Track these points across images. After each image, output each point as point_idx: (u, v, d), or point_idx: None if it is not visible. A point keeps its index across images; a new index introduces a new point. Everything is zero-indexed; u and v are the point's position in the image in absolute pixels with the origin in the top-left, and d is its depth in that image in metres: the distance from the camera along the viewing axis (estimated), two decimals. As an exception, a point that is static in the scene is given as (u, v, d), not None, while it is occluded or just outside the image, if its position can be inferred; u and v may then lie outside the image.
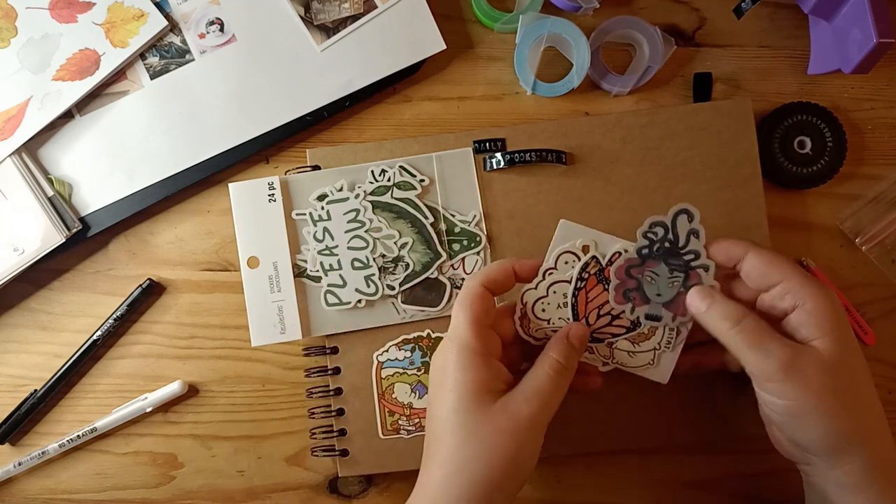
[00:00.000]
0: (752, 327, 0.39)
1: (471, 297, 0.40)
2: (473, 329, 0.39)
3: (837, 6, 0.49)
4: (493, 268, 0.41)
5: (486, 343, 0.39)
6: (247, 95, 0.53)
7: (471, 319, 0.39)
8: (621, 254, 0.41)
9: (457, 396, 0.38)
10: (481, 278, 0.40)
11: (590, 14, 0.53)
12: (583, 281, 0.42)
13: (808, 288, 0.38)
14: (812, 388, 0.37)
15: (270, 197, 0.51)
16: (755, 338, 0.38)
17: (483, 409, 0.38)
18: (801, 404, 0.38)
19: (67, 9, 0.53)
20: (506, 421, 0.37)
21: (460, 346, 0.39)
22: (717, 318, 0.40)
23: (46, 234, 0.51)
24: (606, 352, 0.43)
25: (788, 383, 0.37)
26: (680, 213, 0.43)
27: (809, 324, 0.38)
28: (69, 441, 0.52)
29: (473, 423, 0.37)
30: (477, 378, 0.38)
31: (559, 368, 0.39)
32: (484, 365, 0.39)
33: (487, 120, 0.54)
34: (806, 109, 0.52)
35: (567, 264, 0.41)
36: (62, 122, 0.53)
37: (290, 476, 0.53)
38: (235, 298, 0.53)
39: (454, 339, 0.40)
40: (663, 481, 0.52)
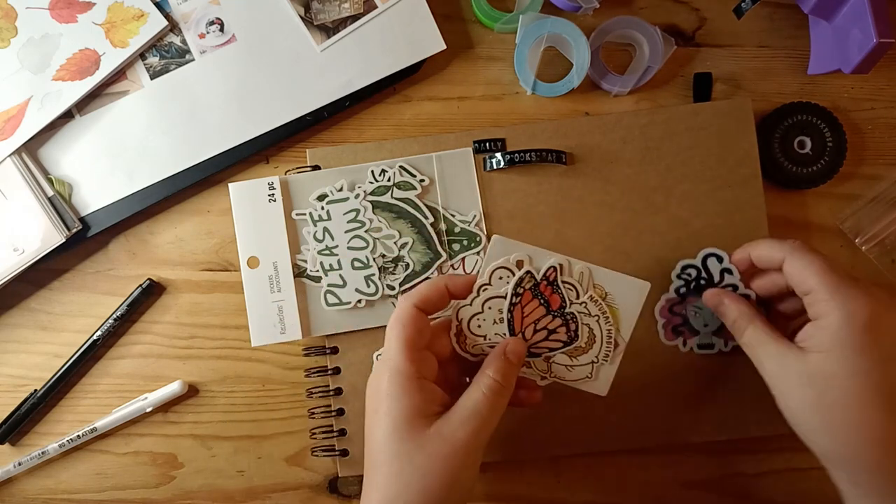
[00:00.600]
0: (749, 337, 0.42)
1: (403, 319, 0.39)
2: (406, 352, 0.38)
3: (837, 6, 0.49)
4: (426, 287, 0.40)
5: (420, 366, 0.39)
6: (247, 95, 0.53)
7: (403, 342, 0.38)
8: (556, 269, 0.41)
9: (391, 422, 0.37)
10: (414, 298, 0.40)
11: (590, 14, 0.53)
12: (518, 296, 0.41)
13: (830, 303, 0.38)
14: (794, 396, 0.39)
15: (270, 197, 0.51)
16: (752, 347, 0.42)
17: (417, 436, 0.37)
18: (787, 412, 0.40)
19: (67, 9, 0.53)
20: (441, 446, 0.36)
21: (393, 371, 0.38)
22: (728, 321, 0.44)
23: (46, 234, 0.51)
24: (544, 366, 0.42)
25: (778, 388, 0.40)
26: (708, 256, 0.48)
27: (816, 336, 0.38)
28: (69, 441, 0.52)
29: (408, 449, 0.37)
30: (410, 403, 0.37)
31: (496, 387, 0.38)
32: (417, 389, 0.38)
33: (487, 120, 0.54)
34: (806, 109, 0.52)
35: (501, 279, 0.41)
36: (62, 122, 0.53)
37: (290, 476, 0.53)
38: (235, 298, 0.53)
39: (387, 363, 0.39)
40: (663, 481, 0.52)
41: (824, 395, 0.37)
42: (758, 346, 0.41)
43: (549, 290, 0.41)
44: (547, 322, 0.42)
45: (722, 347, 0.50)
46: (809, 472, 0.52)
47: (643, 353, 0.50)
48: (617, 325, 0.42)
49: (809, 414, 0.38)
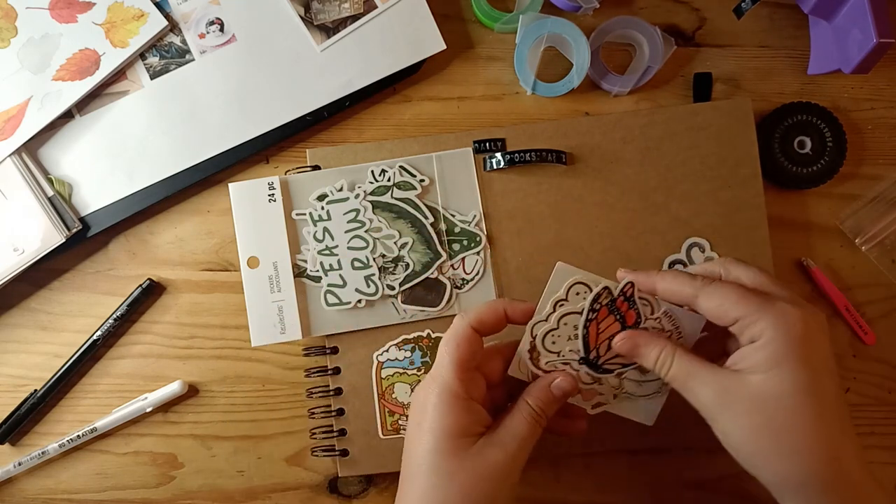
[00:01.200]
0: (676, 370, 0.38)
1: (458, 338, 0.39)
2: (457, 372, 0.38)
3: (837, 6, 0.49)
4: (484, 309, 0.40)
5: (469, 386, 0.39)
6: (247, 95, 0.53)
7: (455, 361, 0.39)
8: (632, 284, 0.40)
9: (434, 438, 0.38)
10: (471, 319, 0.40)
11: (590, 14, 0.53)
12: (594, 312, 0.40)
13: (763, 322, 0.35)
14: (742, 424, 0.35)
15: (270, 197, 0.51)
16: (682, 382, 0.38)
17: (459, 454, 0.37)
18: (733, 440, 0.36)
19: (67, 9, 0.53)
20: (482, 467, 0.37)
21: (442, 388, 0.38)
22: (649, 367, 0.40)
23: (46, 234, 0.51)
24: (615, 382, 0.42)
25: (717, 421, 0.36)
26: (692, 246, 0.48)
27: (753, 357, 0.36)
28: (69, 441, 0.52)
29: (449, 467, 0.37)
30: (456, 422, 0.38)
31: (535, 416, 0.39)
32: (464, 409, 0.38)
33: (487, 120, 0.54)
34: (806, 109, 0.52)
35: (578, 295, 0.40)
36: (62, 122, 0.53)
37: (290, 476, 0.53)
38: (235, 298, 0.53)
39: (436, 379, 0.39)
40: (663, 481, 0.52)
41: (773, 417, 0.34)
42: (689, 378, 0.37)
43: (626, 305, 0.40)
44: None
45: None
46: (809, 472, 0.52)
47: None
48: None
49: (758, 440, 0.35)
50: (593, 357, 0.41)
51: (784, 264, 0.53)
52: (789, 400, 0.34)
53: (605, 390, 0.42)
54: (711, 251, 0.51)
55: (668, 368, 0.38)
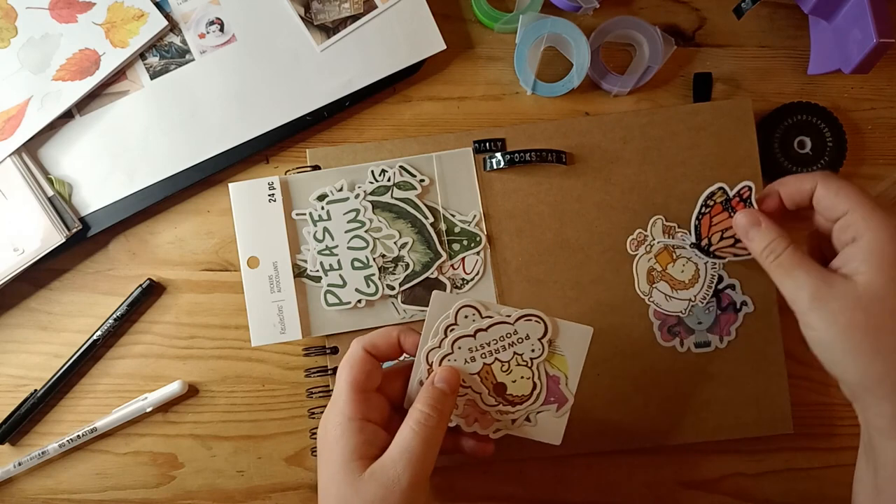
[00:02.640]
0: (787, 258, 0.39)
1: (351, 361, 0.39)
2: (350, 394, 0.38)
3: (837, 6, 0.49)
4: (378, 334, 0.41)
5: (364, 407, 0.39)
6: (247, 95, 0.53)
7: (349, 384, 0.39)
8: (750, 187, 0.44)
9: (333, 466, 0.37)
10: (364, 342, 0.40)
11: (590, 14, 0.53)
12: (707, 208, 0.46)
13: (870, 221, 0.37)
14: (839, 321, 0.36)
15: (270, 197, 0.51)
16: (788, 269, 0.39)
17: (355, 479, 0.37)
18: (827, 336, 0.37)
19: (67, 9, 0.53)
20: (377, 489, 0.36)
21: (336, 413, 0.38)
22: (758, 247, 0.41)
23: (46, 234, 0.51)
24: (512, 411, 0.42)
25: (815, 314, 0.37)
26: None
27: (858, 258, 0.37)
28: (69, 441, 0.52)
29: (347, 494, 0.36)
30: (349, 445, 0.37)
31: (426, 419, 0.38)
32: (357, 430, 0.38)
33: (487, 120, 0.54)
34: (806, 109, 0.52)
35: (467, 318, 0.41)
36: (62, 122, 0.53)
37: (290, 476, 0.53)
38: (235, 298, 0.53)
39: (333, 404, 0.39)
40: (663, 481, 0.52)
41: (874, 316, 0.35)
42: (794, 268, 0.39)
43: (742, 206, 0.45)
44: (733, 231, 0.45)
45: (718, 344, 0.50)
46: (809, 472, 0.52)
47: (641, 354, 0.50)
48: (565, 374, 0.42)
49: (853, 337, 0.36)
50: (704, 244, 0.48)
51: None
52: (889, 302, 0.35)
53: (503, 417, 0.42)
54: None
55: (777, 255, 0.40)
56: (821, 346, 0.38)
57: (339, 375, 0.40)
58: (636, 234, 0.51)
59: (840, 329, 0.36)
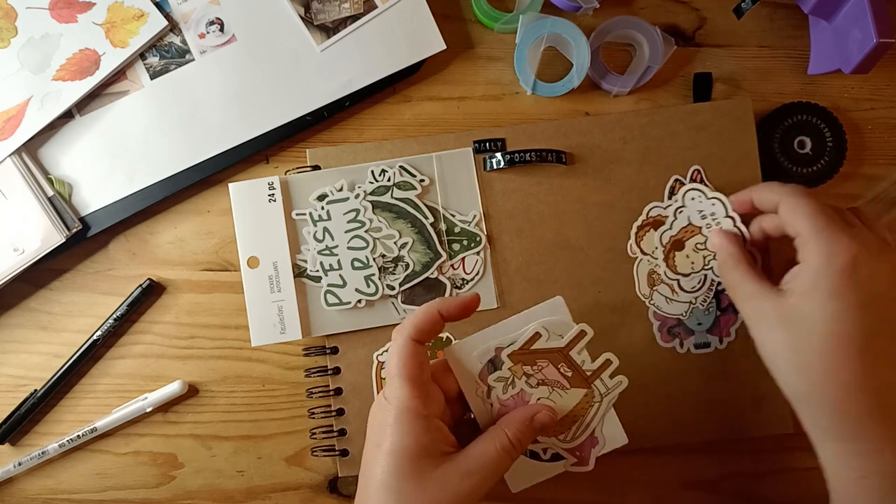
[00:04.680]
0: (733, 276, 0.43)
1: (402, 357, 0.37)
2: (411, 389, 0.37)
3: (837, 6, 0.49)
4: (419, 317, 0.38)
5: (427, 402, 0.37)
6: (247, 95, 0.53)
7: (407, 379, 0.37)
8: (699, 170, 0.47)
9: (395, 461, 0.36)
10: (409, 332, 0.38)
11: (590, 14, 0.53)
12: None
13: (817, 246, 0.38)
14: (772, 338, 0.39)
15: (270, 197, 0.51)
16: (733, 286, 0.43)
17: (420, 477, 0.35)
18: (764, 351, 0.40)
19: (67, 9, 0.53)
20: (443, 493, 0.35)
21: (399, 407, 0.37)
22: (718, 261, 0.45)
23: (46, 234, 0.51)
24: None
25: (753, 330, 0.41)
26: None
27: (798, 278, 0.39)
28: (69, 441, 0.52)
29: (409, 490, 0.35)
30: (416, 442, 0.36)
31: (510, 449, 0.37)
32: (424, 428, 0.36)
33: (487, 120, 0.54)
34: (806, 109, 0.52)
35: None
36: (62, 122, 0.53)
37: (290, 476, 0.53)
38: (235, 298, 0.53)
39: (392, 399, 0.37)
40: (663, 481, 0.52)
41: (798, 337, 0.38)
42: (738, 287, 0.42)
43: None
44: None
45: (717, 345, 0.50)
46: (809, 472, 0.52)
47: (641, 355, 0.50)
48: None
49: (783, 354, 0.39)
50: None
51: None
52: (815, 324, 0.37)
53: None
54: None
55: (726, 271, 0.44)
56: (763, 358, 0.40)
57: (393, 374, 0.37)
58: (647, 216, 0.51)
59: (772, 346, 0.39)
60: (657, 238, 0.51)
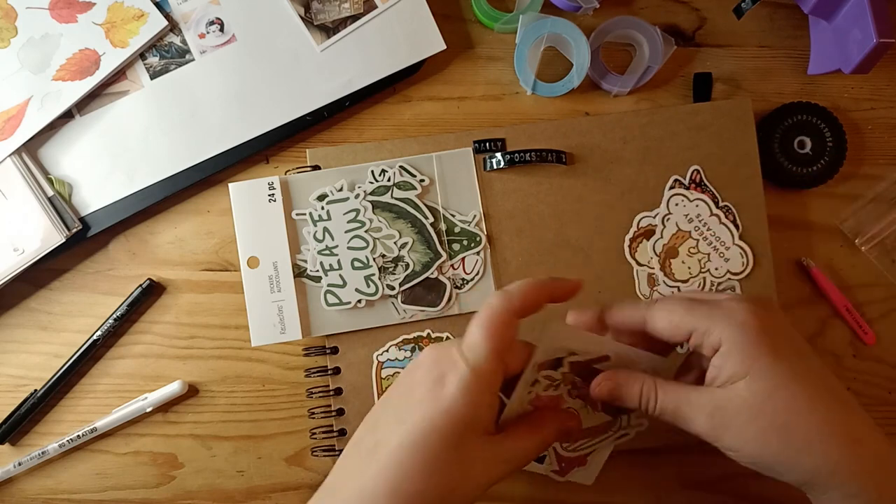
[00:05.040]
0: (665, 400, 0.36)
1: (497, 323, 0.34)
2: (494, 361, 0.34)
3: (837, 6, 0.49)
4: (528, 288, 0.35)
5: (498, 379, 0.35)
6: (247, 95, 0.53)
7: (494, 349, 0.34)
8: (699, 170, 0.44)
9: (443, 422, 0.33)
10: (515, 301, 0.34)
11: (590, 14, 0.53)
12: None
13: (717, 326, 0.34)
14: (749, 436, 0.34)
15: (270, 197, 0.51)
16: (673, 411, 0.36)
17: (463, 449, 0.33)
18: (749, 452, 0.34)
19: (67, 9, 0.53)
20: (480, 475, 0.34)
21: (475, 369, 0.33)
22: (633, 405, 0.38)
23: (46, 234, 0.51)
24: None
25: (724, 440, 0.35)
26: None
27: (726, 365, 0.34)
28: (69, 441, 0.52)
29: (448, 459, 0.33)
30: (475, 412, 0.33)
31: (542, 448, 0.37)
32: (489, 405, 0.34)
33: (487, 120, 0.54)
34: (806, 109, 0.52)
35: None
36: (62, 122, 0.53)
37: (290, 476, 0.53)
38: (235, 298, 0.53)
39: (468, 358, 0.34)
40: (663, 481, 0.52)
41: (774, 417, 0.33)
42: (679, 407, 0.36)
43: (698, 190, 0.46)
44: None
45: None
46: (809, 472, 0.52)
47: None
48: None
49: (769, 445, 0.34)
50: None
51: (784, 264, 0.53)
52: (781, 393, 0.33)
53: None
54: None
55: (654, 402, 0.37)
56: (749, 461, 0.35)
57: (479, 334, 0.34)
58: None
59: (756, 442, 0.34)
60: (650, 248, 0.51)
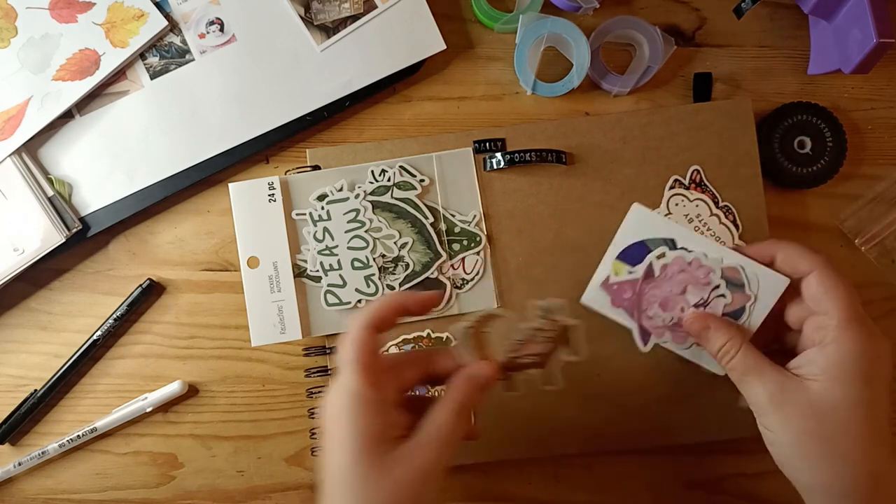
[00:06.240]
0: (740, 362, 0.40)
1: (356, 344, 0.37)
2: (364, 376, 0.37)
3: (837, 6, 0.49)
4: (378, 305, 0.39)
5: (381, 389, 0.37)
6: (247, 95, 0.53)
7: (358, 364, 0.37)
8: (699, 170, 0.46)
9: (353, 448, 0.36)
10: (366, 319, 0.38)
11: (590, 14, 0.53)
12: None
13: (844, 332, 0.37)
14: (793, 426, 0.38)
15: (270, 197, 0.51)
16: (742, 373, 0.40)
17: (380, 461, 0.35)
18: (782, 439, 0.38)
19: (67, 9, 0.53)
20: (404, 473, 0.35)
21: (352, 395, 0.36)
22: (713, 350, 0.43)
23: (46, 234, 0.51)
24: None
25: (770, 417, 0.38)
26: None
27: (819, 364, 0.38)
28: (69, 441, 0.52)
29: (370, 474, 0.35)
30: (370, 427, 0.36)
31: (457, 410, 0.37)
32: (378, 413, 0.37)
33: (487, 120, 0.54)
34: (806, 109, 0.52)
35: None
36: (62, 122, 0.53)
37: (290, 476, 0.53)
38: (235, 298, 0.53)
39: (345, 387, 0.37)
40: (663, 481, 0.52)
41: (825, 424, 0.37)
42: (749, 372, 0.40)
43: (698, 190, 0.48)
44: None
45: None
46: (809, 472, 0.52)
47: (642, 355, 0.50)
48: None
49: (806, 443, 0.37)
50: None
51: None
52: (845, 412, 0.37)
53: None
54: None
55: (730, 358, 0.41)
56: (774, 446, 0.39)
57: (345, 361, 0.37)
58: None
59: (794, 434, 0.38)
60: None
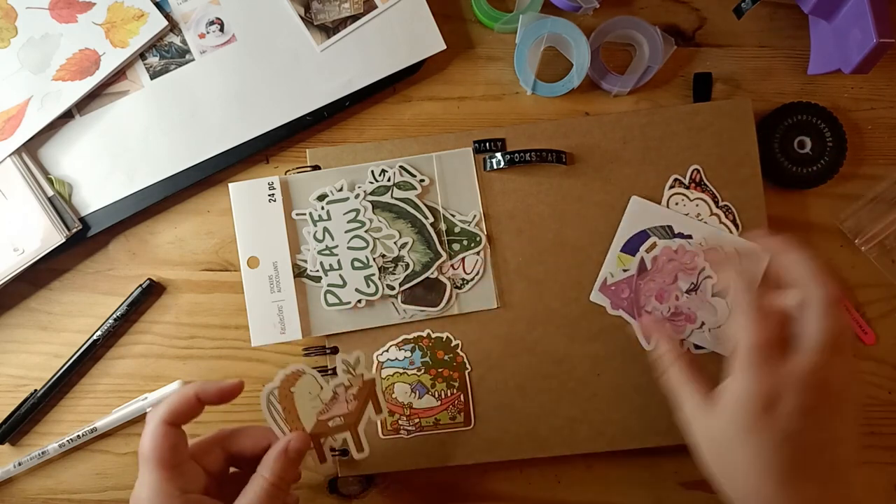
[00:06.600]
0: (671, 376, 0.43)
1: (154, 440, 0.38)
2: (162, 472, 0.37)
3: (837, 6, 0.49)
4: (174, 399, 0.39)
5: (180, 481, 0.38)
6: (247, 95, 0.53)
7: (157, 462, 0.38)
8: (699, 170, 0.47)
9: None
10: (163, 415, 0.39)
11: (590, 14, 0.53)
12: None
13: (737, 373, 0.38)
14: (700, 447, 0.40)
15: (270, 197, 0.51)
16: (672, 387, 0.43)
17: None
18: (697, 454, 0.40)
19: (67, 9, 0.53)
20: None
21: (152, 490, 0.37)
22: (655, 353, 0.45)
23: (46, 234, 0.51)
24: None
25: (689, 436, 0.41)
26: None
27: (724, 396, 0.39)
28: (69, 441, 0.52)
29: None
30: None
31: (271, 490, 0.38)
32: (184, 500, 0.37)
33: (487, 120, 0.54)
34: (806, 109, 0.52)
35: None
36: (62, 122, 0.53)
37: (290, 476, 0.53)
38: (235, 298, 0.53)
39: (144, 483, 0.38)
40: (663, 481, 0.52)
41: (723, 454, 0.39)
42: (675, 389, 0.42)
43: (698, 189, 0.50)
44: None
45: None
46: (809, 472, 0.52)
47: (641, 354, 0.50)
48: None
49: (711, 464, 0.39)
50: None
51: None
52: (737, 449, 0.37)
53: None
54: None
55: (664, 370, 0.44)
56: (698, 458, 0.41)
57: (143, 455, 0.38)
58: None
59: (701, 451, 0.40)
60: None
